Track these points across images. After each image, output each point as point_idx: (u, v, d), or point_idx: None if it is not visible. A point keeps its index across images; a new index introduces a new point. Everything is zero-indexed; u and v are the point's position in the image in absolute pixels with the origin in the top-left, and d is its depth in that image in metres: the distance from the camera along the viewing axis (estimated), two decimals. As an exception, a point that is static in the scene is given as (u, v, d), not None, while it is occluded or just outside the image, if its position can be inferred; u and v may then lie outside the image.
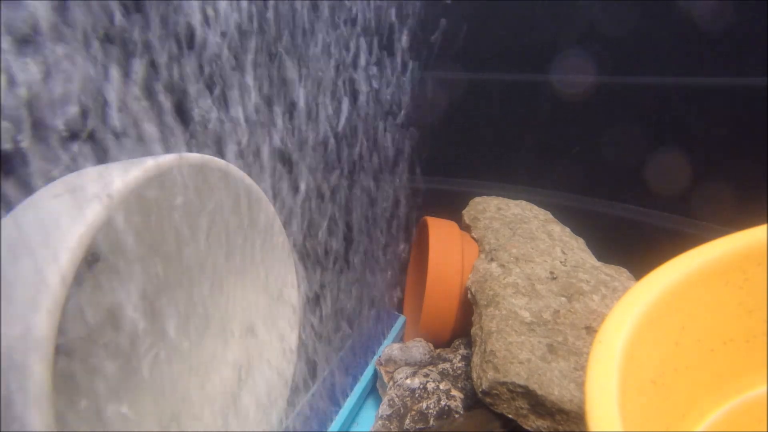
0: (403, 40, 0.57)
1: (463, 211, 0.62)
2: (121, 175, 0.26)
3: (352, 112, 0.52)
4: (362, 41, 0.51)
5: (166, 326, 0.35)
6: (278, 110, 0.41)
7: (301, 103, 0.45)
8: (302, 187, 0.47)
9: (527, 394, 0.38)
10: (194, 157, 0.32)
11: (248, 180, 0.38)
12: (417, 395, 0.47)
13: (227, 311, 0.43)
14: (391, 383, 0.49)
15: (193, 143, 0.35)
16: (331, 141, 0.50)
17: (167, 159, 0.30)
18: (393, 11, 0.54)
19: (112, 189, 0.25)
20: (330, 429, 0.47)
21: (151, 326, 0.33)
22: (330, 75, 0.48)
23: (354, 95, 0.53)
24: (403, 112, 0.62)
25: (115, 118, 0.29)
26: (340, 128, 0.51)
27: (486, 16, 0.60)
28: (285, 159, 0.44)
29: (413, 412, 0.45)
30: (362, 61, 0.52)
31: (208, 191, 0.35)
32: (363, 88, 0.53)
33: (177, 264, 0.36)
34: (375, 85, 0.56)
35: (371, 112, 0.56)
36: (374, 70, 0.55)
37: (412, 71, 0.61)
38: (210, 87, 0.35)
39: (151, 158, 0.29)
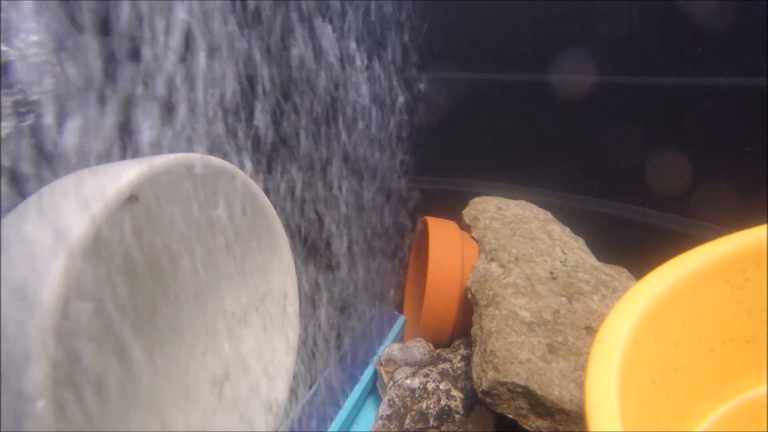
0: (403, 40, 0.57)
1: (463, 211, 0.62)
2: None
3: (352, 111, 0.52)
4: (362, 41, 0.51)
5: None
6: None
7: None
8: (300, 184, 0.47)
9: (527, 394, 0.38)
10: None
11: (255, 188, 0.39)
12: (417, 395, 0.47)
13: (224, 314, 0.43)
14: (391, 383, 0.49)
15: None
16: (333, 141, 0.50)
17: (173, 157, 0.30)
18: (391, 11, 0.54)
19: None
20: (330, 429, 0.47)
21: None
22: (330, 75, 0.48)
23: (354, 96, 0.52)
24: (403, 112, 0.62)
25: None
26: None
27: (485, 16, 0.60)
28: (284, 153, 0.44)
29: (413, 412, 0.45)
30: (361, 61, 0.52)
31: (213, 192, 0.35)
32: (363, 88, 0.53)
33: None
34: (375, 85, 0.55)
35: (371, 111, 0.56)
36: (374, 70, 0.54)
37: (412, 71, 0.61)
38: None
39: (158, 156, 0.29)
